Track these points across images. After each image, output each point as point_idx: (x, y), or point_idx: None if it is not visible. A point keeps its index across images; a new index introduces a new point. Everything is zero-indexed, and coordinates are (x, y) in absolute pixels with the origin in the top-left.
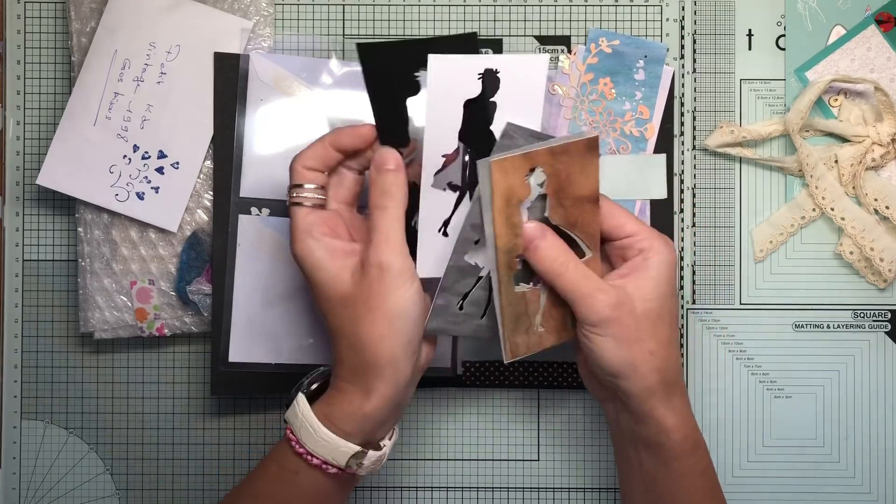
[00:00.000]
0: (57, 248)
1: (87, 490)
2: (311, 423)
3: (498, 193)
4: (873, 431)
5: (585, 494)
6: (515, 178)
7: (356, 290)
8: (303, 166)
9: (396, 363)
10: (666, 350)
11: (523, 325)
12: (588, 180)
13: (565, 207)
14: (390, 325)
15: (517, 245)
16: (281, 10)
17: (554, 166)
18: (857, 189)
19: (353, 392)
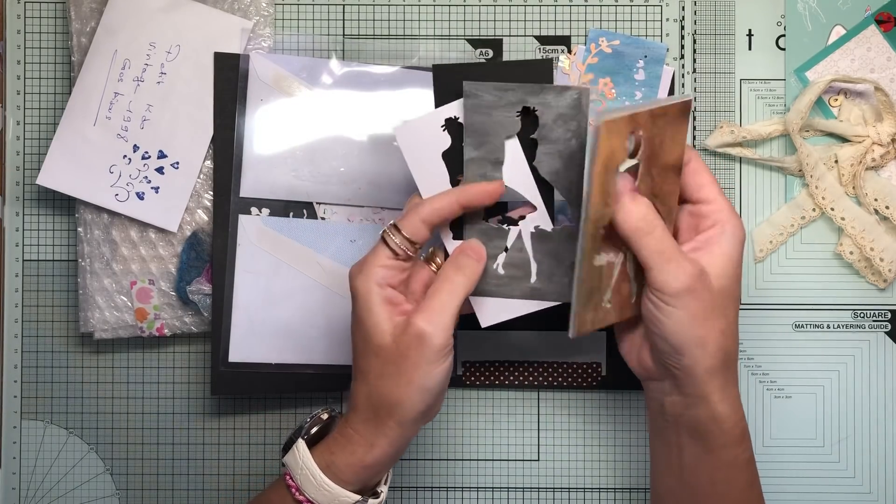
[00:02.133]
0: (57, 248)
1: (87, 490)
2: (312, 471)
3: (601, 157)
4: (873, 431)
5: (585, 494)
6: (618, 140)
7: (392, 347)
8: (420, 218)
9: (406, 426)
10: (733, 331)
11: (595, 301)
12: (676, 147)
13: (652, 176)
14: (412, 393)
15: (605, 214)
16: (281, 10)
17: (651, 130)
18: (857, 189)
19: (358, 442)
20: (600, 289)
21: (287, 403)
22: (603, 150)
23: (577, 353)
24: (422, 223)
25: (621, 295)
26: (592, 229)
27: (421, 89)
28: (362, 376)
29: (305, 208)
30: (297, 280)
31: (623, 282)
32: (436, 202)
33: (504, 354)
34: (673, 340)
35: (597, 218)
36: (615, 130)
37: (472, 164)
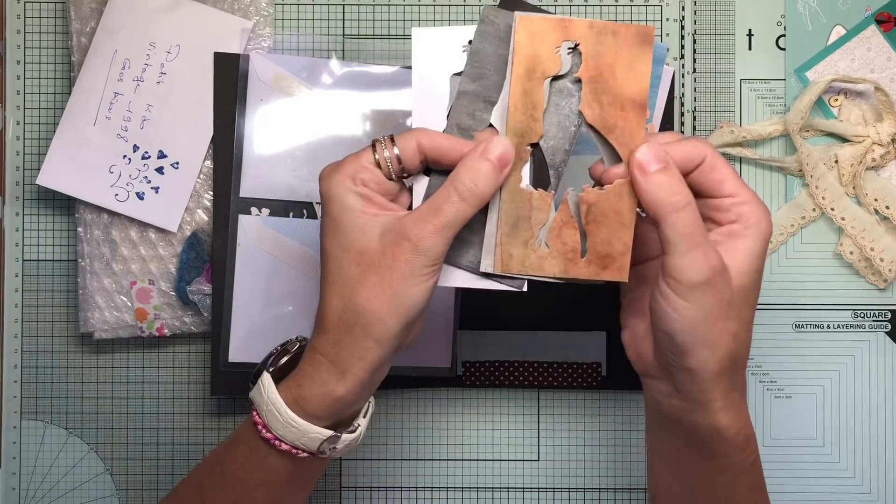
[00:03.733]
0: (57, 248)
1: (87, 490)
2: (277, 407)
3: (520, 59)
4: (873, 431)
5: (585, 494)
6: (544, 45)
7: (379, 253)
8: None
9: (385, 347)
10: (746, 334)
11: (522, 234)
12: (636, 78)
13: (602, 105)
14: (396, 307)
15: (532, 130)
16: (281, 10)
17: (595, 47)
18: (858, 189)
19: (326, 370)
20: (529, 221)
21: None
22: (521, 51)
23: (577, 353)
24: (417, 149)
25: (564, 243)
26: (515, 141)
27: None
28: (336, 289)
29: (305, 208)
30: (297, 280)
31: (567, 228)
32: (441, 139)
33: (504, 354)
34: (680, 339)
35: (520, 131)
36: (537, 33)
37: (463, 98)
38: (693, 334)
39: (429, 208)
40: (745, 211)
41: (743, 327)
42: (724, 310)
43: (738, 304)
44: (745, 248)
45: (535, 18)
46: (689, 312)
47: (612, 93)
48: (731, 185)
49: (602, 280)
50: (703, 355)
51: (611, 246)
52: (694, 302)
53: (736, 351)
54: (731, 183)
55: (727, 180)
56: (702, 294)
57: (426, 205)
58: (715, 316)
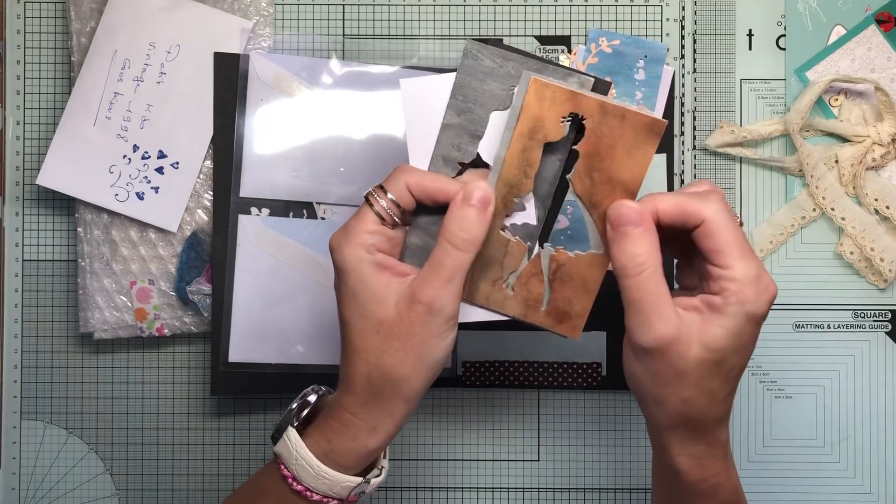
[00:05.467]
0: (57, 248)
1: (87, 490)
2: (308, 461)
3: (526, 117)
4: (873, 431)
5: (585, 494)
6: (551, 112)
7: (396, 321)
8: (406, 183)
9: (412, 402)
10: (706, 402)
11: (492, 275)
12: (633, 167)
13: (593, 181)
14: (420, 368)
15: (522, 186)
16: (281, 10)
17: (600, 126)
18: (858, 189)
19: (358, 427)
20: (501, 265)
21: (287, 403)
22: (528, 109)
23: (577, 353)
24: (407, 189)
25: (529, 292)
26: (503, 192)
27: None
28: (360, 356)
29: (305, 208)
30: (297, 280)
31: (534, 278)
32: (427, 179)
33: (504, 354)
34: (633, 388)
35: (510, 182)
36: (547, 97)
37: (448, 131)
38: (640, 388)
39: (430, 267)
40: (731, 288)
41: (701, 395)
42: (673, 377)
43: (698, 375)
44: (719, 325)
45: (549, 85)
46: (636, 370)
47: (606, 173)
48: (724, 258)
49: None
50: (651, 408)
51: (570, 305)
52: (642, 362)
53: (688, 413)
54: (724, 255)
55: (722, 252)
56: (648, 358)
57: (427, 265)
58: (661, 380)
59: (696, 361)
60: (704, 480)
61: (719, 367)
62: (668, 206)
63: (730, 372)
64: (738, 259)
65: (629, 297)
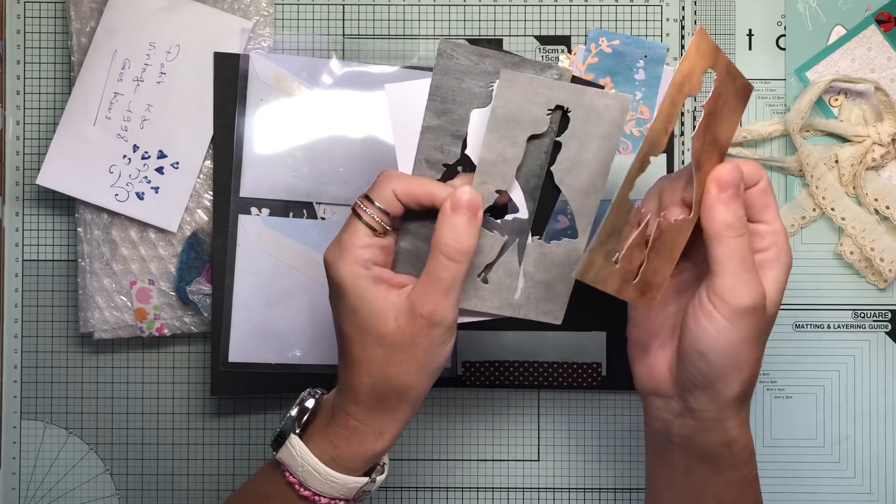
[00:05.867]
0: (57, 248)
1: (87, 490)
2: (314, 467)
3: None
4: (873, 431)
5: (585, 494)
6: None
7: (398, 334)
8: (392, 189)
9: (416, 405)
10: (760, 361)
11: (611, 245)
12: (731, 128)
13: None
14: (424, 376)
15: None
16: (281, 10)
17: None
18: (858, 189)
19: (364, 433)
20: (620, 234)
21: (287, 403)
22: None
23: (577, 353)
24: (394, 196)
25: (630, 262)
26: (646, 148)
27: None
28: (363, 367)
29: (305, 208)
30: (297, 280)
31: (638, 249)
32: (414, 184)
33: (504, 354)
34: (714, 359)
35: (654, 139)
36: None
37: (428, 133)
38: (728, 356)
39: (427, 280)
40: (779, 241)
41: (762, 353)
42: (758, 336)
43: (767, 332)
44: (774, 279)
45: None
46: (730, 334)
47: (714, 133)
48: (772, 213)
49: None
50: (731, 377)
51: (655, 276)
52: (737, 324)
53: (756, 374)
54: (772, 210)
55: (771, 207)
56: (746, 318)
57: (423, 277)
58: (751, 341)
59: (770, 317)
60: (746, 447)
61: (772, 322)
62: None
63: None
64: (779, 216)
65: (734, 255)
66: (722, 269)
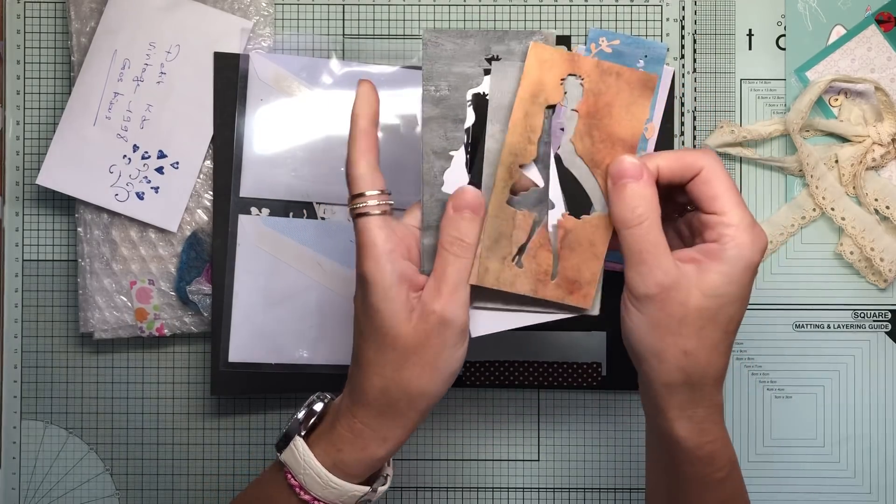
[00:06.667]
0: (57, 248)
1: (87, 490)
2: (317, 471)
3: (526, 83)
4: (873, 431)
5: (585, 494)
6: (551, 75)
7: (412, 335)
8: (362, 168)
9: (425, 414)
10: (707, 355)
11: (502, 250)
12: (631, 121)
13: (593, 139)
14: (437, 381)
15: (527, 151)
16: (281, 10)
17: (597, 84)
18: (858, 189)
19: (368, 437)
20: (510, 238)
21: (287, 403)
22: (529, 75)
23: (577, 353)
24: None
25: (538, 265)
26: (509, 161)
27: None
28: (376, 369)
29: (305, 208)
30: (297, 280)
31: (542, 250)
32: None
33: (504, 354)
34: (632, 343)
35: (515, 151)
36: (547, 61)
37: (430, 123)
38: (641, 341)
39: (436, 277)
40: (728, 234)
41: (703, 347)
42: (674, 325)
43: (698, 324)
44: (718, 271)
45: (547, 49)
46: (637, 319)
47: (605, 130)
48: (721, 204)
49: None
50: (651, 364)
51: (579, 273)
52: (643, 311)
53: (689, 368)
54: (721, 201)
55: (719, 198)
56: (649, 305)
57: (433, 276)
58: (663, 329)
59: (696, 309)
60: (702, 447)
61: (717, 317)
62: (667, 159)
63: (728, 323)
64: (734, 206)
65: (629, 247)
66: (624, 259)
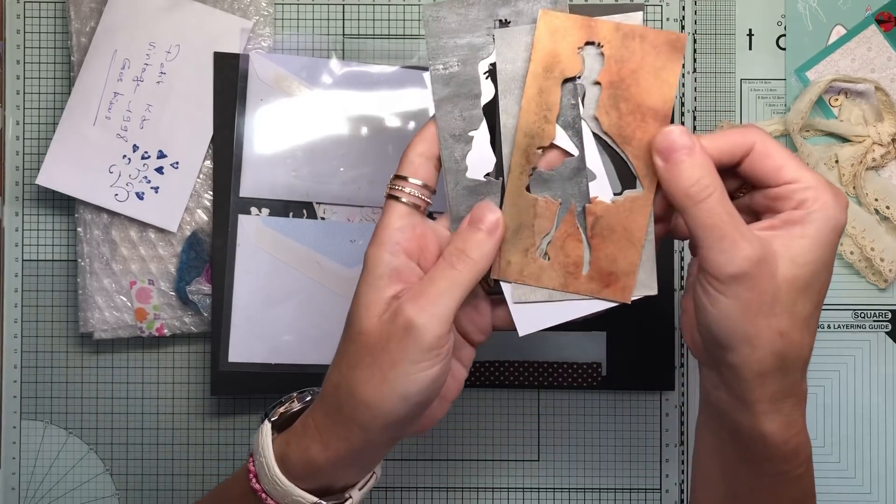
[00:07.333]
0: (57, 248)
1: (87, 490)
2: (267, 460)
3: (538, 56)
4: (873, 431)
5: (585, 494)
6: (565, 44)
7: (374, 333)
8: (416, 153)
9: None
10: (801, 334)
11: (524, 242)
12: (661, 88)
13: (620, 112)
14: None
15: (544, 133)
16: (281, 10)
17: (619, 50)
18: (858, 189)
19: (312, 437)
20: (532, 229)
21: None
22: (540, 46)
23: (577, 353)
24: (422, 158)
25: (566, 256)
26: (525, 144)
27: (421, 89)
28: (336, 362)
29: (305, 208)
30: (297, 280)
31: (571, 240)
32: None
33: (504, 354)
34: (717, 332)
35: (531, 132)
36: (560, 29)
37: (444, 104)
38: (730, 329)
39: (422, 282)
40: (809, 196)
41: (796, 325)
42: (767, 304)
43: (790, 299)
44: (805, 234)
45: (559, 15)
46: (725, 305)
47: (634, 101)
48: (791, 171)
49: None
50: (742, 352)
51: (615, 264)
52: (729, 294)
53: (785, 351)
54: (789, 169)
55: (784, 166)
56: (736, 286)
57: (421, 281)
58: (755, 311)
59: (787, 281)
60: (787, 441)
61: (809, 287)
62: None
63: (819, 294)
64: (805, 170)
65: (702, 225)
66: (697, 241)
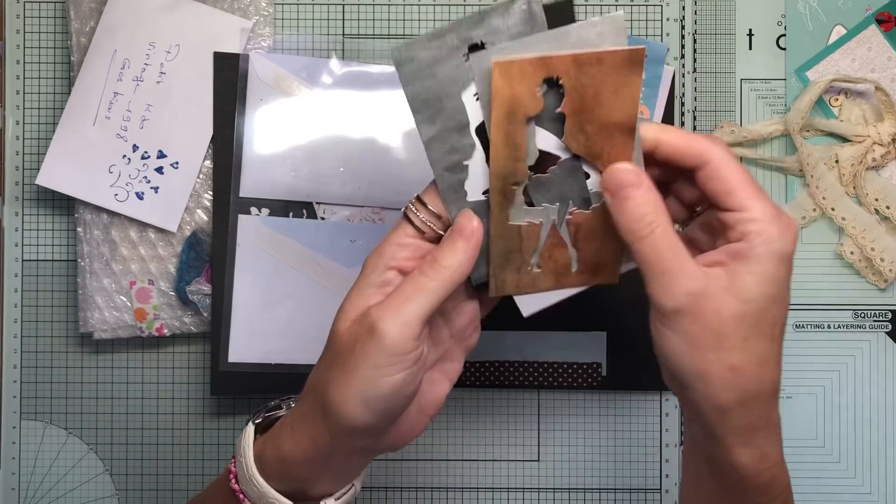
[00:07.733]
0: (56, 248)
1: (86, 490)
2: (247, 460)
3: (499, 104)
4: (873, 431)
5: (585, 494)
6: (523, 86)
7: (344, 335)
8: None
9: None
10: (758, 368)
11: (514, 263)
12: (623, 104)
13: (587, 134)
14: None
15: (517, 171)
16: (281, 10)
17: (578, 79)
18: (858, 189)
19: (287, 434)
20: (521, 251)
21: None
22: (500, 95)
23: (577, 353)
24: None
25: (555, 262)
26: (501, 185)
27: None
28: (318, 361)
29: (305, 208)
30: (297, 280)
31: (557, 248)
32: None
33: (504, 354)
34: (672, 367)
35: (504, 174)
36: (516, 74)
37: (434, 144)
38: (682, 364)
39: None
40: (753, 229)
41: (751, 360)
42: (713, 339)
43: (740, 334)
44: (748, 272)
45: (513, 62)
46: (673, 340)
47: (598, 121)
48: (738, 199)
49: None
50: (697, 388)
51: (600, 255)
52: (676, 329)
53: (741, 385)
54: (737, 196)
55: (733, 192)
56: (680, 320)
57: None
58: (701, 345)
59: (734, 317)
60: (761, 473)
61: (760, 323)
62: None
63: (773, 328)
64: (754, 199)
65: (646, 259)
66: (643, 275)
